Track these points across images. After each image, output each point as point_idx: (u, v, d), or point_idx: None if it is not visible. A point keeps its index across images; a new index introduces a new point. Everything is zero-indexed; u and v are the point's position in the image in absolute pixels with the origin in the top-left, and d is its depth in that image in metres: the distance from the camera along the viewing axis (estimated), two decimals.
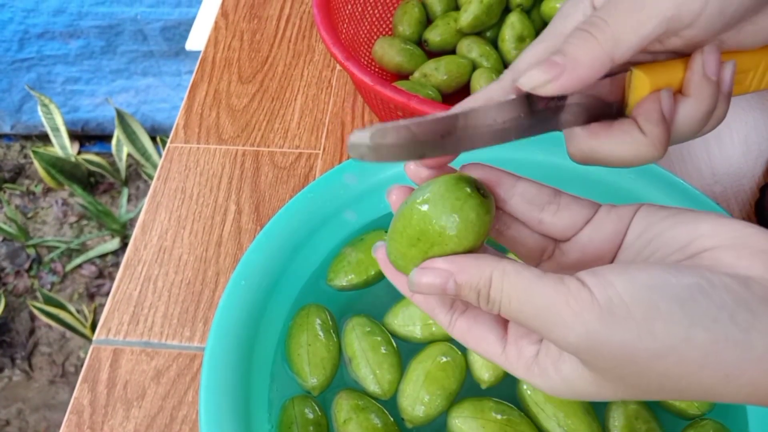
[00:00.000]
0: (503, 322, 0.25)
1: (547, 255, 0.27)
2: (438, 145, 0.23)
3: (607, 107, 0.26)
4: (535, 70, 0.24)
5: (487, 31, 0.60)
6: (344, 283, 0.41)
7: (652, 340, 0.19)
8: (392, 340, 0.39)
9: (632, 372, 0.20)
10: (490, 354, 0.25)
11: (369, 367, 0.37)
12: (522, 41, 0.58)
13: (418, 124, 0.22)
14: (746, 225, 0.22)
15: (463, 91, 0.58)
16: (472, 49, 0.59)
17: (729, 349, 0.19)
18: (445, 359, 0.37)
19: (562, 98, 0.25)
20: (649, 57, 0.26)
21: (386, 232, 0.42)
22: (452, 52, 0.60)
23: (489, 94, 0.26)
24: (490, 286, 0.22)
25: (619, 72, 0.26)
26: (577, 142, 0.26)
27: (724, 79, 0.26)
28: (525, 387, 0.37)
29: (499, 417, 0.35)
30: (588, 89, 0.25)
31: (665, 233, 0.23)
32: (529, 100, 0.25)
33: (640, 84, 0.26)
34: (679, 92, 0.26)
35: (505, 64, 0.59)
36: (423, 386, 0.36)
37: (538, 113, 0.25)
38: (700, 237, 0.22)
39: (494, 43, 0.60)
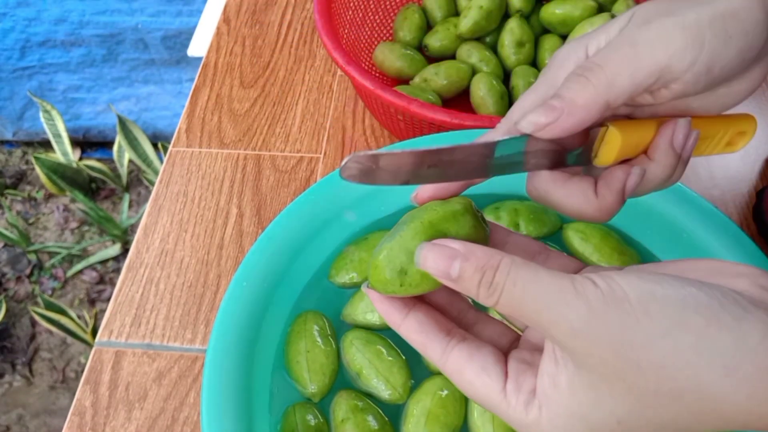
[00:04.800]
0: (503, 358, 0.24)
1: None
2: (422, 174, 0.25)
3: (566, 155, 0.28)
4: (535, 114, 0.25)
5: (487, 36, 0.61)
6: (346, 281, 0.41)
7: (648, 321, 0.20)
8: (392, 344, 0.39)
9: (629, 363, 0.20)
10: (488, 390, 0.24)
11: (380, 376, 0.37)
12: (521, 46, 0.59)
13: (408, 154, 0.24)
14: (719, 260, 0.23)
15: (463, 95, 0.59)
16: (471, 54, 0.59)
17: (722, 335, 0.20)
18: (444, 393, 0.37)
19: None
20: (630, 111, 0.28)
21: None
22: (452, 57, 0.61)
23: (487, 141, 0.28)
24: (497, 268, 0.22)
25: (594, 126, 0.27)
26: (537, 181, 0.28)
27: (687, 148, 0.27)
28: None
29: None
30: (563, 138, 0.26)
31: None
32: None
33: (613, 140, 0.27)
34: (644, 153, 0.28)
35: (504, 69, 0.60)
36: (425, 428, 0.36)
37: (510, 157, 0.26)
38: (684, 273, 0.23)
39: (494, 49, 0.61)
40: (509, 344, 0.27)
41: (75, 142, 1.68)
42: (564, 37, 0.60)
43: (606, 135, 0.27)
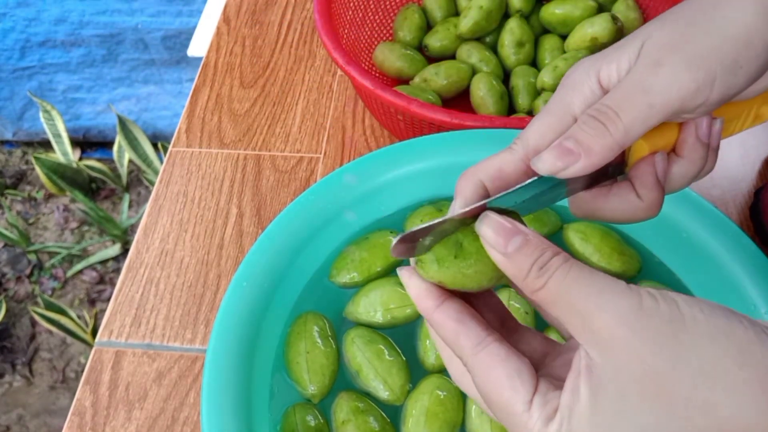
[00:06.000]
0: (535, 373, 0.23)
1: None
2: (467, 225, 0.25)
3: (607, 170, 0.28)
4: (551, 155, 0.26)
5: (487, 36, 0.61)
6: (347, 281, 0.41)
7: (695, 326, 0.20)
8: (393, 344, 0.39)
9: (667, 363, 0.20)
10: (514, 396, 0.23)
11: (379, 377, 0.37)
12: (521, 46, 0.59)
13: (452, 221, 0.25)
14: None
15: (463, 95, 0.59)
16: (471, 54, 0.59)
17: (764, 354, 0.20)
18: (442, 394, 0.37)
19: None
20: None
21: (392, 232, 0.42)
22: (452, 57, 0.61)
23: (500, 163, 0.28)
24: (556, 254, 0.22)
25: None
26: (579, 204, 0.29)
27: (713, 137, 0.28)
28: None
29: None
30: None
31: None
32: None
33: (639, 148, 0.28)
34: (673, 152, 0.28)
35: (504, 69, 0.60)
36: (425, 426, 0.36)
37: (549, 190, 0.27)
38: None
39: (494, 49, 0.61)
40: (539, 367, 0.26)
41: (75, 142, 1.68)
42: (564, 37, 0.60)
43: (633, 145, 0.28)
